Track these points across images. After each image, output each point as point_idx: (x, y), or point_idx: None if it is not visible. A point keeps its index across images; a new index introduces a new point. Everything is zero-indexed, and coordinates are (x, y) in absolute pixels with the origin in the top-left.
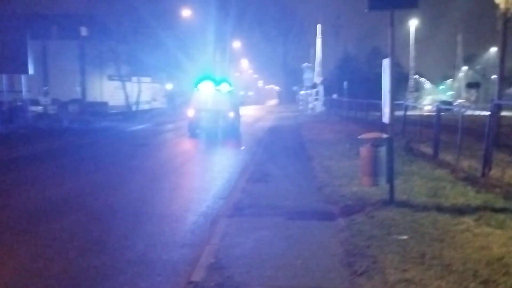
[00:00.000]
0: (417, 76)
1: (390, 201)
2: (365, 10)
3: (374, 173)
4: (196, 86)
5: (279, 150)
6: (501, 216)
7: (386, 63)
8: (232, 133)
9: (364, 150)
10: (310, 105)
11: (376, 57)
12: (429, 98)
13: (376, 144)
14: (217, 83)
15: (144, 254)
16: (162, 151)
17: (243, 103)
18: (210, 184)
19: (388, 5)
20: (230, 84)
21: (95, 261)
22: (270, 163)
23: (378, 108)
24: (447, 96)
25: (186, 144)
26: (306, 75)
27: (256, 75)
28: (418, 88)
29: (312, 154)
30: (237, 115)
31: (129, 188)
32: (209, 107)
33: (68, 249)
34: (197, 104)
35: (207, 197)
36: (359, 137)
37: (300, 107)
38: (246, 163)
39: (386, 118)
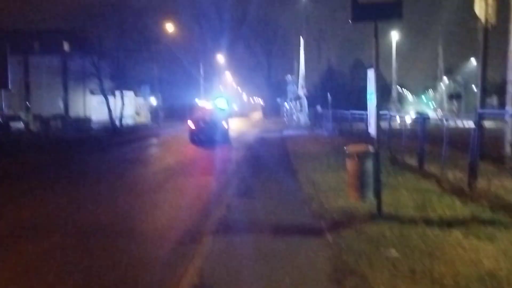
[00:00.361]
0: (399, 88)
1: (378, 215)
2: (349, 21)
3: (361, 187)
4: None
5: (264, 164)
6: (490, 229)
7: (371, 74)
8: (224, 138)
9: (350, 163)
10: (295, 117)
11: (358, 69)
12: (412, 109)
13: (362, 156)
14: (214, 98)
15: (125, 274)
16: (145, 166)
17: (231, 114)
18: (194, 199)
19: (372, 17)
20: (227, 101)
21: (74, 283)
22: (255, 177)
23: (362, 119)
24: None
25: (170, 159)
26: (290, 87)
27: (239, 88)
28: (401, 99)
29: (297, 167)
30: (227, 124)
31: (110, 205)
32: (207, 119)
33: (45, 272)
34: (196, 116)
35: (191, 213)
36: (345, 149)
37: (285, 119)
38: (230, 178)
39: (372, 130)
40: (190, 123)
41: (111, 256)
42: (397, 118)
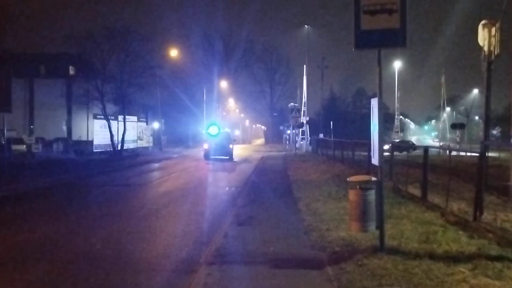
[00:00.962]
0: (401, 117)
1: (381, 248)
2: (353, 49)
3: (363, 218)
4: (207, 129)
5: (265, 191)
6: (498, 265)
7: (374, 102)
8: (229, 156)
9: (352, 194)
10: (297, 145)
11: (361, 97)
12: (414, 139)
13: (364, 187)
14: (220, 127)
15: None
16: (144, 191)
17: (234, 140)
18: (192, 227)
19: (375, 44)
20: (218, 128)
21: None
22: (255, 204)
23: (364, 148)
24: (431, 136)
25: (170, 184)
26: (293, 114)
27: (242, 115)
28: (403, 128)
29: (298, 195)
30: (233, 146)
31: (106, 232)
32: (216, 142)
33: None
34: (208, 140)
35: (188, 242)
36: (348, 179)
37: (287, 147)
38: (230, 205)
39: (375, 160)
40: (205, 145)
41: (103, 286)
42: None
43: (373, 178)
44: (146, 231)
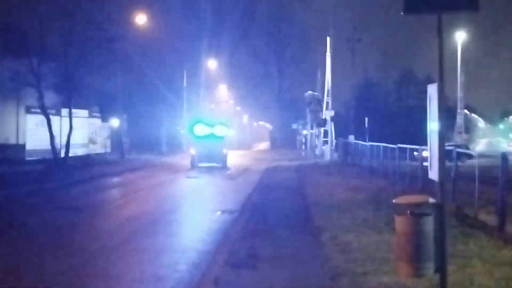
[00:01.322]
0: (467, 112)
1: None
2: (401, 13)
3: (416, 257)
4: (192, 128)
5: (271, 217)
6: None
7: (433, 90)
8: (223, 164)
9: (401, 222)
10: (317, 151)
11: (408, 83)
12: (484, 142)
13: (418, 212)
14: (211, 125)
15: None
16: (98, 217)
17: (229, 142)
18: (168, 270)
19: (435, 7)
20: (226, 126)
21: None
22: (259, 237)
23: (413, 155)
24: (509, 139)
25: (136, 207)
26: (311, 107)
27: (238, 107)
28: (469, 127)
29: (321, 224)
30: (226, 151)
31: (35, 277)
32: (206, 145)
33: None
34: (195, 143)
35: None
36: (393, 201)
37: (302, 154)
38: (222, 237)
39: (434, 173)
40: (192, 150)
41: None
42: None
43: (431, 199)
44: (97, 277)
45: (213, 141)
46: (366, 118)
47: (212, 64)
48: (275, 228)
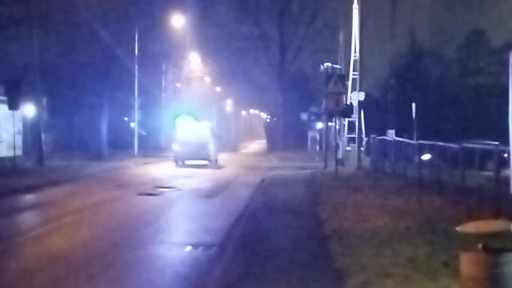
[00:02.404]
0: None
1: None
2: None
3: None
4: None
5: (270, 255)
6: None
7: None
8: (210, 161)
9: (468, 261)
10: (339, 154)
11: (477, 50)
12: None
13: (495, 247)
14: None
15: None
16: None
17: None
18: None
19: None
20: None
21: None
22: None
23: (484, 162)
24: None
25: (61, 241)
26: (330, 87)
27: (218, 88)
28: None
29: (345, 263)
30: (214, 146)
31: None
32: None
33: None
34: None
35: None
36: (457, 229)
37: (316, 158)
38: None
39: None
40: (175, 146)
41: None
42: None
43: None
44: None
45: (198, 136)
46: (414, 105)
47: (179, 21)
48: (274, 271)
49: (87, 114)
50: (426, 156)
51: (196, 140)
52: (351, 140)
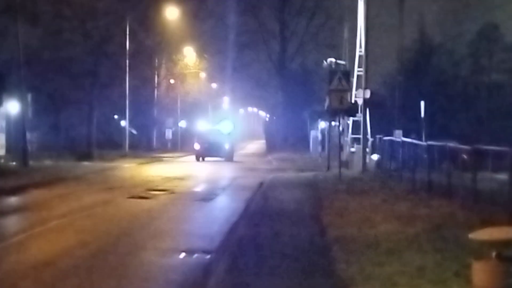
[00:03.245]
0: None
1: None
2: None
3: None
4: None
5: (269, 263)
6: None
7: None
8: (228, 158)
9: (482, 270)
10: (344, 155)
11: (490, 46)
12: None
13: (510, 255)
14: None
15: None
16: None
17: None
18: None
19: None
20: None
21: None
22: None
23: (501, 162)
24: None
25: (49, 245)
26: (334, 85)
27: (215, 85)
28: None
29: (349, 273)
30: (231, 145)
31: None
32: (211, 141)
33: None
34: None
35: None
36: (470, 236)
37: (319, 159)
38: None
39: None
40: (196, 145)
41: None
42: None
43: None
44: None
45: (217, 137)
46: (423, 103)
47: (173, 13)
48: (273, 281)
49: (75, 112)
50: (374, 156)
51: (214, 140)
52: (355, 141)
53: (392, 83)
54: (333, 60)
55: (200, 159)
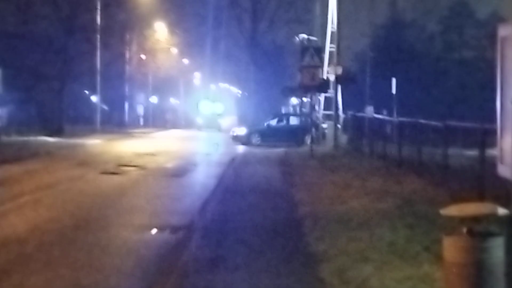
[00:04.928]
0: None
1: None
2: None
3: None
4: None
5: (240, 238)
6: None
7: (507, 32)
8: (219, 129)
9: (452, 246)
10: (314, 132)
11: (461, 23)
12: None
13: (480, 231)
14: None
15: None
16: None
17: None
18: None
19: None
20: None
21: None
22: (218, 272)
23: (471, 139)
24: None
25: (19, 220)
26: (305, 61)
27: (186, 60)
28: None
29: (320, 248)
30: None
31: None
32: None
33: None
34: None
35: None
36: (440, 212)
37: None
38: (160, 277)
39: (507, 168)
40: (198, 119)
41: None
42: None
43: (500, 210)
44: None
45: (214, 115)
46: (394, 80)
47: None
48: (245, 255)
49: (45, 87)
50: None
51: (211, 115)
52: (327, 117)
53: (364, 60)
54: (305, 36)
55: (201, 129)
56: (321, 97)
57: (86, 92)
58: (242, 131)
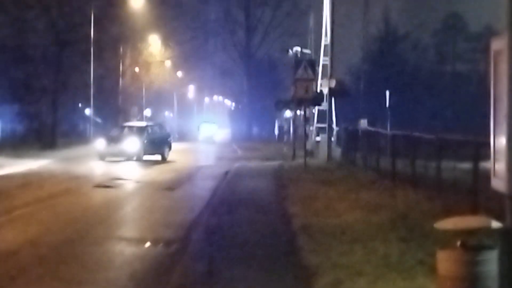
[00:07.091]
0: None
1: None
2: None
3: None
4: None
5: (234, 252)
6: None
7: (501, 46)
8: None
9: (446, 259)
10: (308, 145)
11: (454, 35)
12: None
13: (474, 244)
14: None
15: None
16: None
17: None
18: None
19: None
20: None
21: None
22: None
23: (466, 152)
24: None
25: (12, 233)
26: (299, 74)
27: (180, 73)
28: None
29: (315, 262)
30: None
31: None
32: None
33: None
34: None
35: None
36: (435, 226)
37: (285, 149)
38: None
39: (500, 181)
40: (200, 136)
41: None
42: None
43: (494, 223)
44: None
45: (210, 131)
46: (388, 92)
47: (137, 1)
48: (239, 269)
49: (38, 100)
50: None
51: (209, 133)
52: (321, 130)
53: (357, 73)
54: (298, 49)
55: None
56: (315, 110)
57: (80, 105)
58: None
